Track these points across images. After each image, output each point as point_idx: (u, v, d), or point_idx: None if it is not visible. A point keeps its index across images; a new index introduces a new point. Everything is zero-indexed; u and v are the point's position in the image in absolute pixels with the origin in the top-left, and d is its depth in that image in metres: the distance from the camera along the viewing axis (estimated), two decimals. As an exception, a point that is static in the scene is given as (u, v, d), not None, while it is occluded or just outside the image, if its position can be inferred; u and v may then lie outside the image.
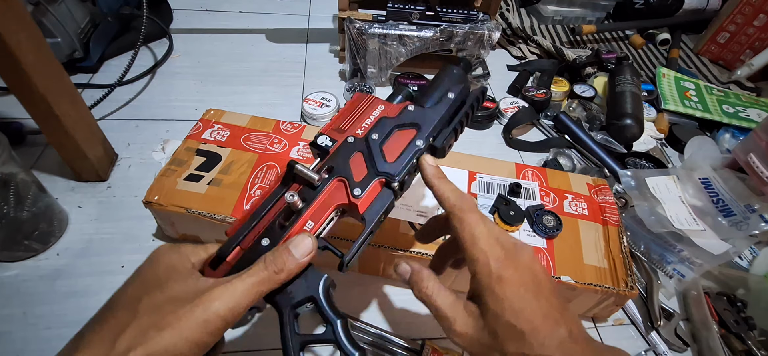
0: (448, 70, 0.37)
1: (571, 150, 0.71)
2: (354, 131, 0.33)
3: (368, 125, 0.33)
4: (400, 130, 0.33)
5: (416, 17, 0.73)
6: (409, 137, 0.33)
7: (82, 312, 0.45)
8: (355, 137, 0.33)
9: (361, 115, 0.34)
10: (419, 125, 0.33)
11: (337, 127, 0.33)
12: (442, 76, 0.37)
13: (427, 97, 0.35)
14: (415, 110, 0.34)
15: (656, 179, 0.62)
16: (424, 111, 0.34)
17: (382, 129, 0.33)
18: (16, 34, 0.42)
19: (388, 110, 0.34)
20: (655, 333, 0.50)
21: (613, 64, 0.90)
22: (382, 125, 0.33)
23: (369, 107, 0.35)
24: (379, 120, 0.34)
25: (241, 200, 0.47)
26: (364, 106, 0.35)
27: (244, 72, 0.81)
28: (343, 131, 0.33)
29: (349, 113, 0.34)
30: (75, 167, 0.56)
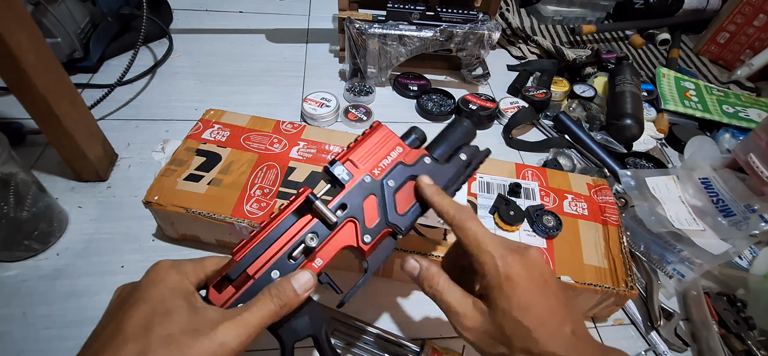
0: (462, 124, 0.39)
1: (571, 150, 0.71)
2: (370, 169, 0.33)
3: (385, 166, 0.34)
4: (413, 181, 0.34)
5: (416, 17, 0.73)
6: None
7: (82, 312, 0.45)
8: (372, 177, 0.33)
9: (380, 153, 0.34)
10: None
11: (353, 158, 0.33)
12: (456, 130, 0.38)
13: (441, 150, 0.37)
14: (430, 164, 0.35)
15: (656, 179, 0.62)
16: (438, 167, 0.35)
17: (398, 176, 0.34)
18: (16, 34, 0.42)
19: (405, 155, 0.35)
20: (655, 333, 0.50)
21: (613, 64, 0.90)
22: (399, 172, 0.34)
23: (388, 146, 0.35)
24: (396, 164, 0.34)
25: (241, 200, 0.47)
26: (383, 143, 0.35)
27: (244, 72, 0.81)
28: (359, 166, 0.33)
29: (368, 146, 0.34)
30: (75, 167, 0.56)
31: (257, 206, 0.47)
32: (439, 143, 0.38)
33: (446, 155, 0.37)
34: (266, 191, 0.49)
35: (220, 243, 0.51)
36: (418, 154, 0.35)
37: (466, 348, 0.46)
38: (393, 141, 0.35)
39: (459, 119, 0.39)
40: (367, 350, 0.44)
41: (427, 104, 0.77)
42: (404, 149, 0.35)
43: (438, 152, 0.37)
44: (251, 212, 0.46)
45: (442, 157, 0.37)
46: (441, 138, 0.38)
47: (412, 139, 0.37)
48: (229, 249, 0.52)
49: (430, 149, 0.37)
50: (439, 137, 0.39)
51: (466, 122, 0.39)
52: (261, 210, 0.47)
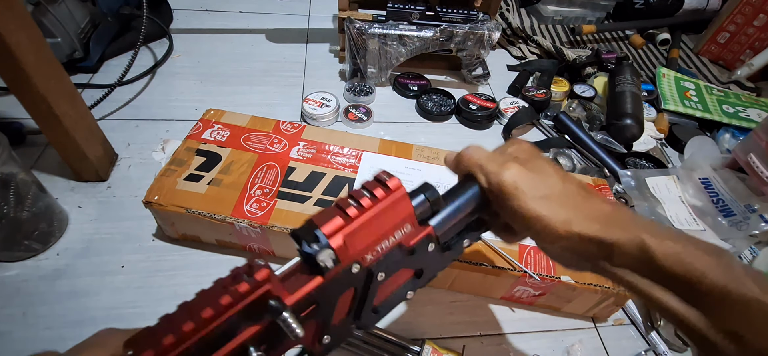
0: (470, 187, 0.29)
1: (571, 150, 0.71)
2: (363, 254, 0.24)
3: (381, 251, 0.25)
4: (404, 270, 0.27)
5: (416, 17, 0.73)
6: (405, 278, 0.28)
7: (82, 312, 0.45)
8: (361, 265, 0.24)
9: (382, 229, 0.25)
10: (422, 270, 0.28)
11: (347, 233, 0.23)
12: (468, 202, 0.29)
13: (447, 233, 0.29)
14: (432, 253, 0.28)
15: (656, 179, 0.62)
16: (438, 255, 0.28)
17: (390, 265, 0.26)
18: (16, 34, 0.42)
19: (409, 236, 0.26)
20: (655, 333, 0.50)
21: (613, 64, 0.90)
22: (393, 260, 0.26)
23: (395, 221, 0.26)
24: (393, 249, 0.26)
25: (241, 200, 0.47)
26: (391, 217, 0.25)
27: (244, 72, 0.81)
28: (350, 247, 0.23)
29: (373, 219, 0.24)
30: (75, 167, 0.56)
31: (257, 206, 0.47)
32: (446, 224, 0.28)
33: (449, 235, 0.29)
34: (266, 191, 0.49)
35: (220, 243, 0.51)
36: (421, 235, 0.27)
37: (466, 349, 0.46)
38: (403, 214, 0.26)
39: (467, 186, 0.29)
40: (367, 350, 0.44)
41: (427, 104, 0.77)
42: (412, 229, 0.26)
43: (442, 229, 0.28)
44: (251, 212, 0.46)
45: (442, 235, 0.29)
46: (451, 217, 0.29)
47: (422, 211, 0.27)
48: (230, 249, 0.52)
49: (437, 224, 0.28)
50: (450, 214, 0.29)
51: (474, 189, 0.29)
52: (261, 210, 0.47)
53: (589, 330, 0.51)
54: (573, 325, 0.51)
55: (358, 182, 0.52)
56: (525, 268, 0.45)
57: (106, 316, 0.45)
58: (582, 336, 0.50)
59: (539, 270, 0.45)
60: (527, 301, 0.50)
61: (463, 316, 0.49)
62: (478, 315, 0.50)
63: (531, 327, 0.50)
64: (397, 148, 0.57)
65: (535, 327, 0.50)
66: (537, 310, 0.51)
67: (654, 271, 0.23)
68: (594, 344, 0.49)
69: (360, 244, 0.24)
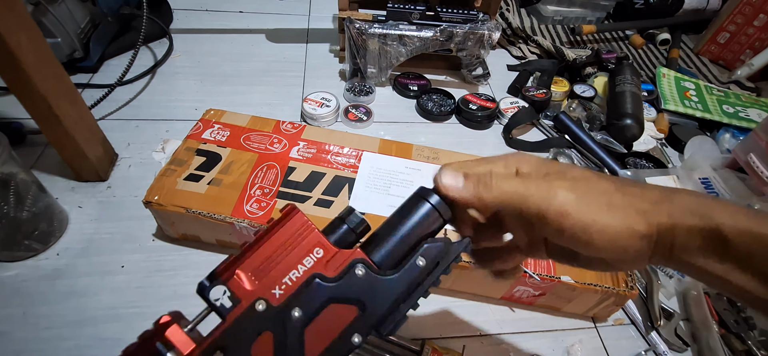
0: (419, 208, 0.25)
1: (571, 150, 0.71)
2: (268, 289, 0.22)
3: (292, 283, 0.22)
4: (335, 305, 0.22)
5: (416, 17, 0.73)
6: (345, 320, 0.22)
7: (82, 312, 0.45)
8: (268, 302, 0.21)
9: (287, 259, 0.22)
10: (364, 303, 0.23)
11: (242, 271, 0.22)
12: (411, 217, 0.25)
13: (385, 251, 0.24)
14: (364, 276, 0.23)
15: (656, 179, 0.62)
16: (378, 281, 0.23)
17: (309, 300, 0.22)
18: (16, 34, 0.42)
19: (325, 262, 0.23)
20: (655, 333, 0.50)
21: (613, 64, 0.90)
22: (312, 293, 0.22)
23: (301, 247, 0.23)
24: (309, 279, 0.22)
25: (241, 200, 0.47)
26: (293, 242, 0.23)
27: (244, 72, 0.81)
28: (249, 284, 0.22)
29: (268, 248, 0.23)
30: (75, 167, 0.56)
31: (257, 206, 0.47)
32: (383, 241, 0.25)
33: (395, 259, 0.24)
34: (266, 191, 0.49)
35: (220, 243, 0.51)
36: (347, 259, 0.23)
37: (466, 349, 0.46)
38: (311, 239, 0.23)
39: (417, 198, 0.26)
40: (367, 350, 0.44)
41: (427, 104, 0.77)
42: (326, 252, 0.23)
43: (380, 253, 0.24)
44: (251, 212, 0.46)
45: (386, 262, 0.24)
46: (386, 231, 0.25)
47: (342, 232, 0.24)
48: (230, 249, 0.52)
49: (368, 247, 0.25)
50: (384, 228, 0.25)
51: (426, 205, 0.25)
52: (261, 210, 0.47)
53: (589, 330, 0.51)
54: (573, 325, 0.51)
55: (358, 182, 0.52)
56: (525, 268, 0.45)
57: (106, 316, 0.45)
58: (582, 336, 0.50)
59: (539, 270, 0.45)
60: (527, 301, 0.50)
61: (463, 316, 0.49)
62: (478, 315, 0.50)
63: (531, 327, 0.50)
64: (397, 148, 0.57)
65: (535, 327, 0.50)
66: (537, 310, 0.51)
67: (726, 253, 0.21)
68: (594, 344, 0.49)
69: (261, 278, 0.22)
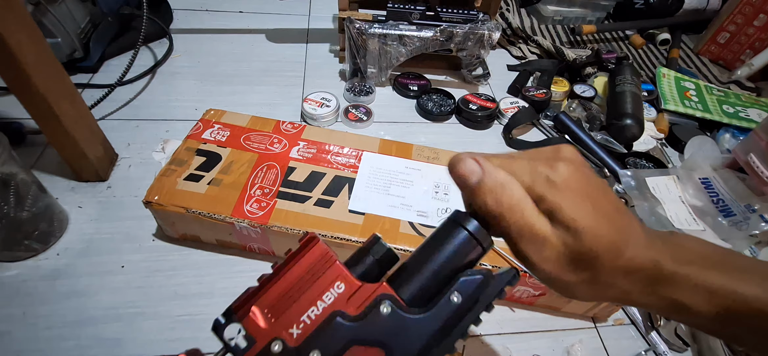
0: (458, 237, 0.22)
1: (571, 150, 0.71)
2: (286, 328, 0.20)
3: (311, 321, 0.20)
4: (358, 347, 0.20)
5: (416, 17, 0.73)
6: None
7: (82, 312, 0.45)
8: (285, 343, 0.20)
9: (307, 294, 0.21)
10: (390, 347, 0.20)
11: (258, 308, 0.20)
12: (444, 249, 0.22)
13: (415, 287, 0.22)
14: (390, 314, 0.20)
15: (656, 179, 0.62)
16: (406, 321, 0.20)
17: (329, 342, 0.20)
18: (16, 34, 0.42)
19: (347, 297, 0.21)
20: (655, 333, 0.50)
21: (613, 64, 0.90)
22: (332, 334, 0.20)
23: (322, 281, 0.21)
24: (329, 318, 0.20)
25: (241, 200, 0.47)
26: (313, 276, 0.21)
27: (244, 72, 0.81)
28: (265, 322, 0.20)
29: (287, 282, 0.21)
30: (75, 167, 0.56)
31: (257, 206, 0.47)
32: (413, 274, 0.22)
33: (426, 295, 0.22)
34: (266, 191, 0.49)
35: (220, 243, 0.51)
36: (371, 294, 0.21)
37: (466, 349, 0.46)
38: (331, 272, 0.21)
39: (451, 224, 0.23)
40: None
41: (427, 104, 0.77)
42: (348, 287, 0.21)
43: (409, 289, 0.22)
44: (251, 212, 0.46)
45: (416, 298, 0.21)
46: (416, 263, 0.22)
47: (367, 265, 0.22)
48: (230, 249, 0.52)
49: (396, 281, 0.22)
50: (414, 259, 0.23)
51: (462, 233, 0.22)
52: (261, 210, 0.47)
53: (589, 330, 0.51)
54: (573, 325, 0.51)
55: (358, 182, 0.52)
56: (525, 268, 0.45)
57: (106, 316, 0.45)
58: (582, 336, 0.50)
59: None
60: (527, 301, 0.50)
61: (463, 316, 0.49)
62: (478, 315, 0.50)
63: (531, 327, 0.50)
64: (397, 148, 0.57)
65: (535, 327, 0.50)
66: (537, 310, 0.51)
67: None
68: (594, 344, 0.49)
69: (279, 316, 0.20)
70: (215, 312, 0.20)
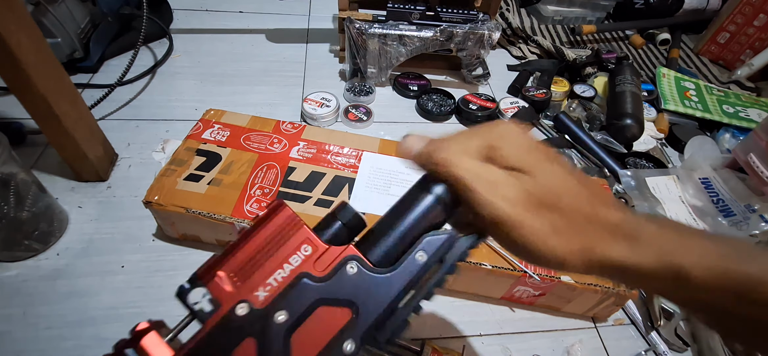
0: (425, 200, 0.23)
1: (571, 150, 0.71)
2: (250, 291, 0.20)
3: (277, 284, 0.20)
4: (325, 308, 0.20)
5: (416, 17, 0.73)
6: (336, 324, 0.20)
7: (82, 312, 0.45)
8: (251, 305, 0.20)
9: (272, 258, 0.21)
10: (356, 305, 0.21)
11: (222, 272, 0.20)
12: (413, 209, 0.23)
13: (383, 249, 0.22)
14: (356, 273, 0.21)
15: (656, 179, 0.62)
16: (372, 280, 0.21)
17: (296, 302, 0.20)
18: (16, 34, 0.42)
19: (314, 260, 0.21)
20: (655, 333, 0.50)
21: (613, 64, 0.90)
22: (299, 294, 0.20)
23: (288, 245, 0.21)
24: (295, 279, 0.20)
25: (241, 200, 0.47)
26: (278, 240, 0.21)
27: (244, 72, 0.81)
28: (229, 286, 0.20)
29: (252, 246, 0.21)
30: (75, 167, 0.56)
31: (257, 206, 0.47)
32: (380, 236, 0.22)
33: (393, 256, 0.22)
34: (266, 191, 0.49)
35: (220, 243, 0.51)
36: (338, 256, 0.21)
37: (466, 349, 0.46)
38: (298, 236, 0.21)
39: (418, 189, 0.24)
40: (367, 350, 0.44)
41: (427, 104, 0.77)
42: (315, 249, 0.21)
43: (376, 250, 0.22)
44: (251, 212, 0.46)
45: (383, 259, 0.22)
46: (383, 226, 0.23)
47: (335, 229, 0.23)
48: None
49: (364, 245, 0.23)
50: (381, 223, 0.23)
51: (428, 197, 0.23)
52: (261, 210, 0.47)
53: (589, 330, 0.51)
54: (573, 325, 0.51)
55: (358, 182, 0.52)
56: (525, 268, 0.45)
57: (106, 316, 0.45)
58: (582, 336, 0.50)
59: (539, 270, 0.45)
60: (527, 301, 0.50)
61: (463, 316, 0.49)
62: (478, 315, 0.50)
63: (531, 327, 0.50)
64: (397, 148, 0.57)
65: (535, 327, 0.50)
66: (537, 310, 0.51)
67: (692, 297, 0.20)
68: (594, 344, 0.49)
69: (242, 279, 0.20)
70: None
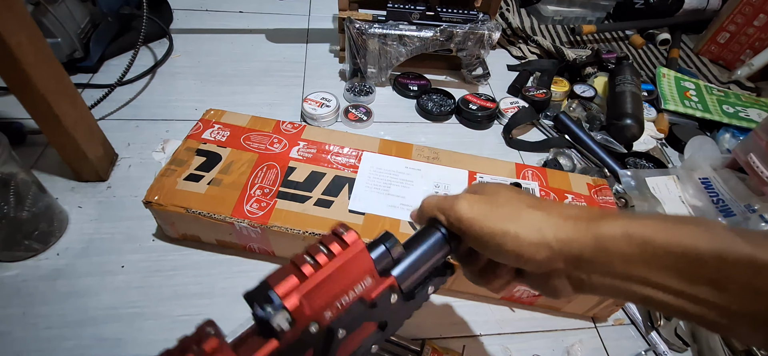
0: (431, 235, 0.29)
1: (571, 150, 0.71)
2: (320, 310, 0.23)
3: (341, 307, 0.24)
4: (367, 322, 0.26)
5: (416, 17, 0.73)
6: (367, 332, 0.27)
7: (82, 312, 0.45)
8: (319, 324, 0.23)
9: (342, 286, 0.24)
10: (386, 323, 0.27)
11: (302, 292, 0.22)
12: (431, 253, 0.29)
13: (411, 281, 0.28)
14: (396, 303, 0.27)
15: (656, 179, 0.62)
16: (402, 307, 0.27)
17: (351, 322, 0.24)
18: (16, 34, 0.42)
19: (370, 289, 0.25)
20: (655, 333, 0.50)
21: (613, 64, 0.90)
22: (354, 315, 0.25)
23: (355, 276, 0.25)
24: (355, 303, 0.25)
25: (241, 200, 0.47)
26: (350, 272, 0.24)
27: (244, 72, 0.81)
28: (307, 308, 0.22)
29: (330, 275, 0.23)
30: (75, 167, 0.56)
31: (257, 206, 0.47)
32: (410, 274, 0.28)
33: (413, 287, 0.28)
34: (266, 191, 0.49)
35: (220, 243, 0.51)
36: (383, 286, 0.26)
37: (466, 349, 0.46)
38: (363, 268, 0.25)
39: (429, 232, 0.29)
40: (367, 350, 0.44)
41: (427, 104, 0.77)
42: (374, 283, 0.25)
43: (407, 283, 0.28)
44: (251, 212, 0.46)
45: (408, 290, 0.28)
46: (415, 266, 0.28)
47: (384, 264, 0.27)
48: (230, 249, 0.52)
49: (402, 281, 0.27)
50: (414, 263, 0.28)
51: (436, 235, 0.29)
52: (261, 210, 0.47)
53: (589, 330, 0.51)
54: (573, 325, 0.51)
55: (358, 182, 0.52)
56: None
57: (106, 316, 0.45)
58: (582, 336, 0.50)
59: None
60: (527, 301, 0.50)
61: (463, 316, 0.49)
62: (478, 315, 0.50)
63: (531, 327, 0.50)
64: (397, 148, 0.57)
65: (535, 327, 0.50)
66: (537, 310, 0.51)
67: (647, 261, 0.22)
68: (594, 344, 0.49)
69: (318, 303, 0.23)
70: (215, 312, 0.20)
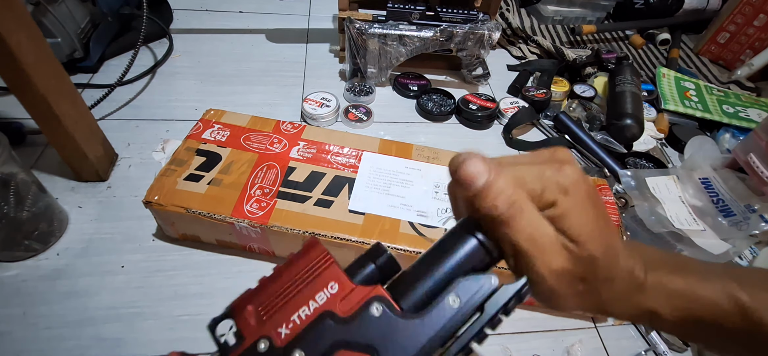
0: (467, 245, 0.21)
1: (571, 150, 0.71)
2: (275, 327, 0.19)
3: (300, 322, 0.19)
4: (345, 352, 0.19)
5: (416, 17, 0.73)
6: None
7: (82, 312, 0.45)
8: (271, 342, 0.19)
9: (300, 295, 0.20)
10: (378, 352, 0.19)
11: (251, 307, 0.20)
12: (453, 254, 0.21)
13: (413, 290, 0.20)
14: (381, 316, 0.19)
15: (656, 179, 0.62)
16: (398, 324, 0.19)
17: (315, 343, 0.19)
18: (16, 34, 0.42)
19: (339, 299, 0.20)
20: (655, 333, 0.50)
21: (613, 64, 0.90)
22: (319, 334, 0.19)
23: (316, 282, 0.20)
24: (318, 318, 0.19)
25: (241, 200, 0.47)
26: (309, 277, 0.20)
27: (244, 72, 0.81)
28: (256, 321, 0.20)
29: (284, 282, 0.20)
30: (75, 167, 0.56)
31: (257, 206, 0.47)
32: (414, 280, 0.21)
33: (423, 301, 0.20)
34: (266, 191, 0.49)
35: (220, 243, 0.51)
36: (364, 297, 0.20)
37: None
38: (327, 274, 0.20)
39: (460, 231, 0.21)
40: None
41: (427, 104, 0.77)
42: (342, 288, 0.20)
43: (408, 294, 0.20)
44: (251, 212, 0.46)
45: (414, 304, 0.20)
46: (418, 269, 0.21)
47: (368, 271, 0.21)
48: (230, 249, 0.52)
49: (396, 287, 0.21)
50: (416, 266, 0.21)
51: (471, 240, 0.21)
52: (261, 210, 0.47)
53: (589, 330, 0.51)
54: (573, 325, 0.51)
55: (358, 182, 0.52)
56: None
57: (106, 316, 0.45)
58: (582, 336, 0.50)
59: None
60: (527, 301, 0.50)
61: (463, 316, 0.49)
62: (478, 315, 0.50)
63: (531, 327, 0.50)
64: (397, 148, 0.57)
65: (535, 327, 0.50)
66: (537, 310, 0.51)
67: None
68: (594, 344, 0.49)
69: (271, 314, 0.19)
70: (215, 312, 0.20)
